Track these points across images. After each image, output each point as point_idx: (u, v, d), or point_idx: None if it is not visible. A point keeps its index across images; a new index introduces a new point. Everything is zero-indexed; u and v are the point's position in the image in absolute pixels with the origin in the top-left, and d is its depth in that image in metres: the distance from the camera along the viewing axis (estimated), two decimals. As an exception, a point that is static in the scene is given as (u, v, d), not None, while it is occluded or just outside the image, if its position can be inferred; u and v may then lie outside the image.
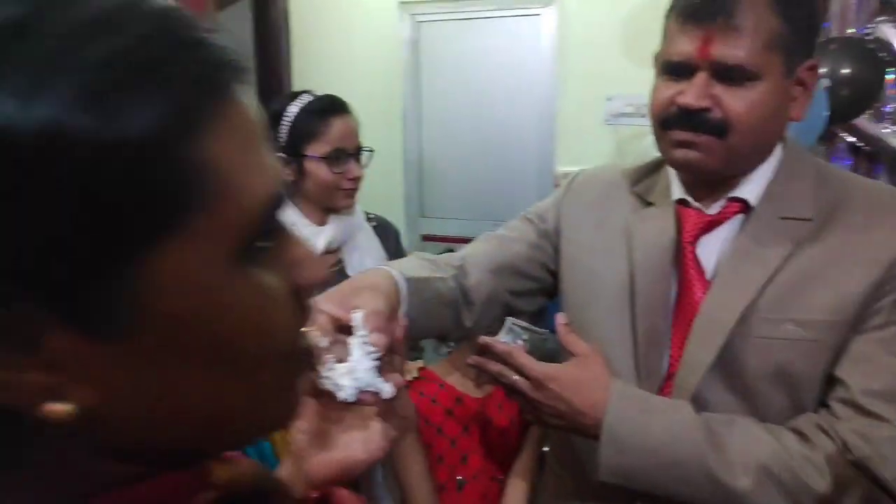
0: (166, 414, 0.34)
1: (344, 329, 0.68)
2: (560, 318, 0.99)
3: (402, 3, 3.60)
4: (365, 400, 0.65)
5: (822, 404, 0.90)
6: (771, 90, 0.88)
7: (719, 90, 0.88)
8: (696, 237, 0.96)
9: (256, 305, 0.35)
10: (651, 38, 1.02)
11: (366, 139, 4.17)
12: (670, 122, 0.91)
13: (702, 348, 0.92)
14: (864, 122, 2.15)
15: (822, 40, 2.12)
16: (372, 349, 0.66)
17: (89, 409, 0.31)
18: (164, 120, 0.29)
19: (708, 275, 0.95)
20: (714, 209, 0.96)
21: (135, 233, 0.29)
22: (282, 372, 0.38)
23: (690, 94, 0.88)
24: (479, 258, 1.06)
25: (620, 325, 0.99)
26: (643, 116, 3.60)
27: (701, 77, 0.88)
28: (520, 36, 3.35)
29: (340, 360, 0.65)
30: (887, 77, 2.15)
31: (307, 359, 0.44)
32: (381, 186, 3.64)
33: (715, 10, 0.85)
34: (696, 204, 0.98)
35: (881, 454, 0.83)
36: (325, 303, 0.69)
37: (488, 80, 3.44)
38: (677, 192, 0.99)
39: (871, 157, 2.19)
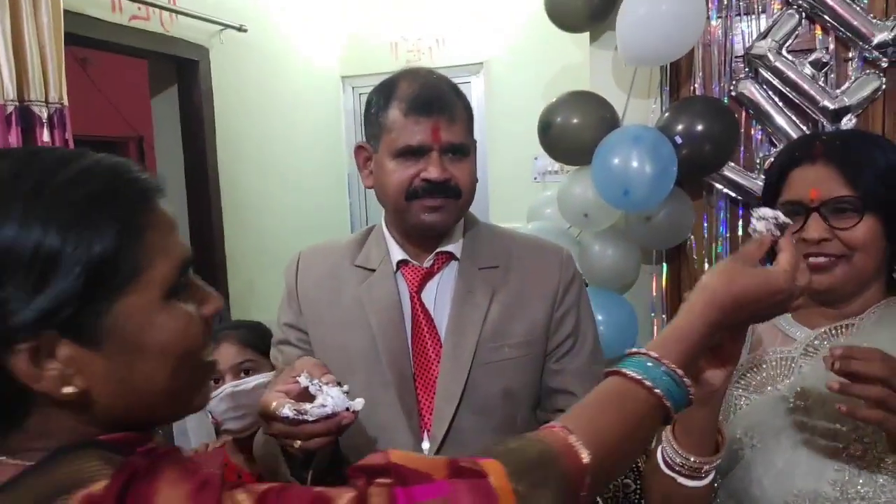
0: (124, 393, 0.57)
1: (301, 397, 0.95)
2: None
3: (344, 76, 3.84)
4: (345, 415, 0.90)
5: (558, 411, 1.14)
6: (474, 162, 1.13)
7: (448, 164, 1.10)
8: (420, 287, 1.17)
9: (180, 324, 0.59)
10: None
11: (312, 204, 4.35)
12: (418, 193, 1.10)
13: (452, 383, 1.11)
14: (738, 173, 2.27)
15: (684, 98, 2.26)
16: (332, 385, 0.92)
17: (82, 392, 0.54)
18: (123, 233, 0.55)
19: (434, 316, 1.15)
20: (428, 263, 1.18)
21: (112, 289, 0.54)
22: (196, 372, 0.63)
23: (435, 169, 1.08)
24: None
25: (378, 382, 1.13)
26: (567, 173, 3.72)
27: (436, 156, 1.09)
28: (451, 102, 3.53)
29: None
30: (753, 129, 2.28)
31: (212, 369, 0.67)
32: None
33: (440, 105, 1.09)
34: (415, 262, 1.18)
35: None
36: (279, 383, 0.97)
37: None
38: (397, 255, 1.18)
39: (747, 206, 2.29)
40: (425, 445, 1.10)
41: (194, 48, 2.74)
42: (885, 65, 2.07)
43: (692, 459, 0.90)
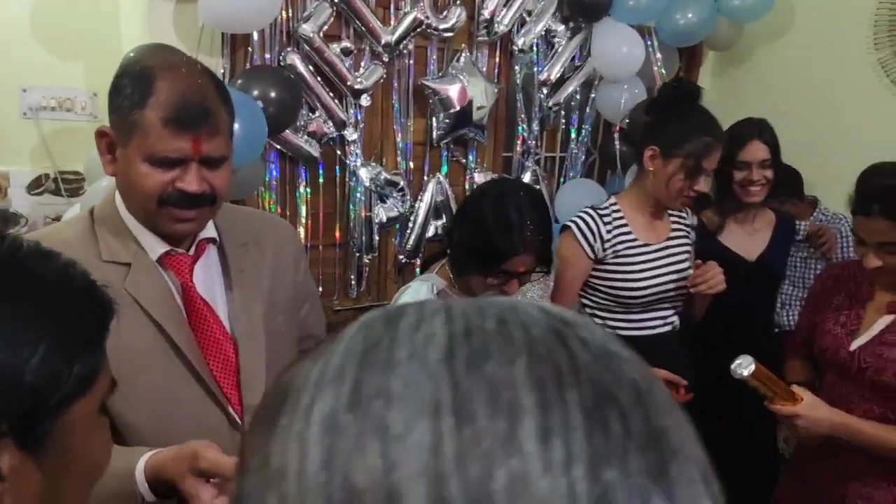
0: None
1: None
2: None
3: None
4: None
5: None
6: (230, 164, 1.18)
7: (206, 174, 1.11)
8: (191, 275, 1.20)
9: (107, 446, 0.58)
10: (66, 29, 1.25)
11: None
12: (170, 201, 1.10)
13: (254, 363, 1.19)
14: (287, 134, 2.67)
15: (249, 68, 2.52)
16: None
17: None
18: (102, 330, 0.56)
19: (207, 298, 1.19)
20: (192, 251, 1.22)
21: (71, 395, 0.50)
22: None
23: (192, 182, 1.09)
24: None
25: (178, 377, 1.13)
26: (68, 111, 3.39)
27: (194, 167, 1.09)
28: None
29: None
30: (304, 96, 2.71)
31: None
32: None
33: (201, 119, 1.07)
34: (179, 250, 1.20)
35: None
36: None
37: None
38: (158, 247, 1.18)
39: (293, 160, 2.73)
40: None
41: None
42: (386, 59, 2.79)
43: None
